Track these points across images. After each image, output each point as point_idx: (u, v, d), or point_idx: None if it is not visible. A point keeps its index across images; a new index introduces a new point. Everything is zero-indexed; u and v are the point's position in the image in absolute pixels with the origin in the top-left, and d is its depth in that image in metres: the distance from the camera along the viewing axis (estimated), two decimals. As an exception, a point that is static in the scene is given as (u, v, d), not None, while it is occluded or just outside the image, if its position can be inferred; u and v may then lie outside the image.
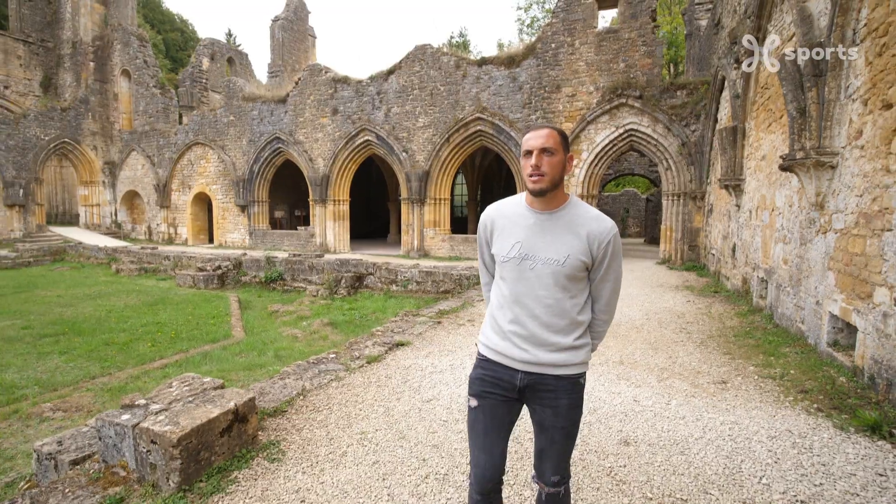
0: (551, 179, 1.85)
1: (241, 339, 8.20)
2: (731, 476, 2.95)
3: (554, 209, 1.93)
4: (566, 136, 1.92)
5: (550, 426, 1.92)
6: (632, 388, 4.46)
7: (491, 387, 1.97)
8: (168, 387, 3.45)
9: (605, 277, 1.95)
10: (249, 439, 3.27)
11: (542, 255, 1.89)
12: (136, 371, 6.43)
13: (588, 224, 1.89)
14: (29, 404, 5.30)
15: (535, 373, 1.91)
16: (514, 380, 1.93)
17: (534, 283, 1.90)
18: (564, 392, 1.91)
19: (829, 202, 5.18)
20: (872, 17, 4.36)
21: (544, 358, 1.89)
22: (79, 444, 3.33)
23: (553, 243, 1.89)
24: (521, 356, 1.91)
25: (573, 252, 1.87)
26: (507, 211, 2.03)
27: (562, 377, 1.91)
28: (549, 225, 1.91)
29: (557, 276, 1.87)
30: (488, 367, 2.00)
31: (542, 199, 1.91)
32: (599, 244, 1.88)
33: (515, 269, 1.93)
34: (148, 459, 2.82)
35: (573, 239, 1.88)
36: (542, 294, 1.89)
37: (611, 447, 3.33)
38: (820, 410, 3.86)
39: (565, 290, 1.90)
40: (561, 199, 1.94)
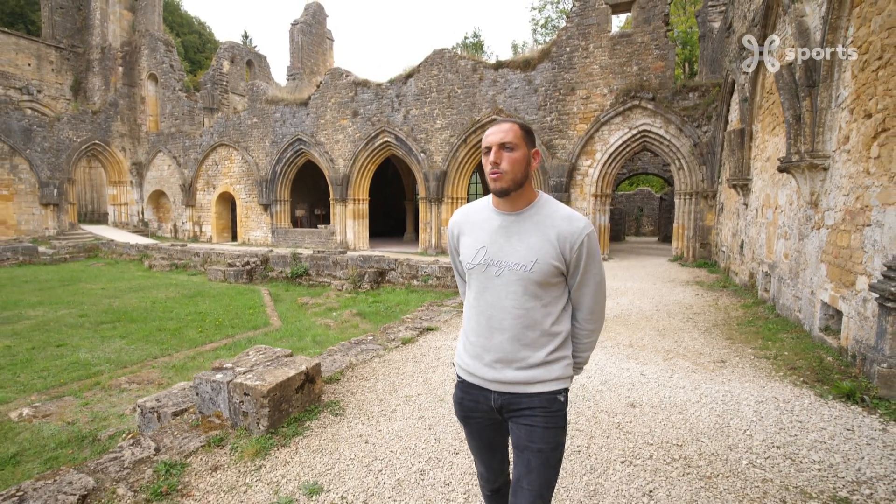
0: (513, 178, 1.70)
1: (279, 326, 8.88)
2: (720, 429, 3.52)
3: (521, 209, 1.77)
4: (530, 131, 1.78)
5: (525, 447, 1.74)
6: (639, 365, 5.04)
7: (471, 410, 1.87)
8: (246, 355, 4.10)
9: (584, 282, 1.77)
10: (316, 398, 3.90)
11: (509, 260, 1.73)
12: (192, 353, 7.13)
13: (558, 224, 1.72)
14: (106, 378, 6.01)
15: (507, 392, 1.77)
16: (489, 401, 1.80)
17: (500, 292, 1.75)
18: (540, 409, 1.74)
19: (822, 201, 5.71)
20: (857, 35, 4.89)
21: (512, 376, 1.74)
22: (174, 401, 4.00)
23: (519, 247, 1.73)
24: (491, 375, 1.77)
25: (542, 256, 1.70)
26: (473, 215, 1.89)
27: (535, 395, 1.75)
28: (515, 227, 1.76)
29: (526, 282, 1.71)
30: (465, 390, 1.88)
31: (506, 199, 1.76)
32: (572, 246, 1.71)
33: (481, 277, 1.79)
34: (241, 409, 3.47)
35: (541, 241, 1.72)
36: (509, 304, 1.73)
37: (619, 408, 3.92)
38: (805, 383, 4.42)
39: (536, 297, 1.73)
40: (528, 197, 1.78)
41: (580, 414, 3.81)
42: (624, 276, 11.72)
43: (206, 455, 3.18)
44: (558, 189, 16.08)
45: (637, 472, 2.97)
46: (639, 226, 32.20)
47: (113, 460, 3.09)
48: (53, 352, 7.11)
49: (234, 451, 3.22)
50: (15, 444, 4.44)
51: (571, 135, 16.13)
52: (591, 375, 4.70)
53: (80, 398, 5.44)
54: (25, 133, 24.81)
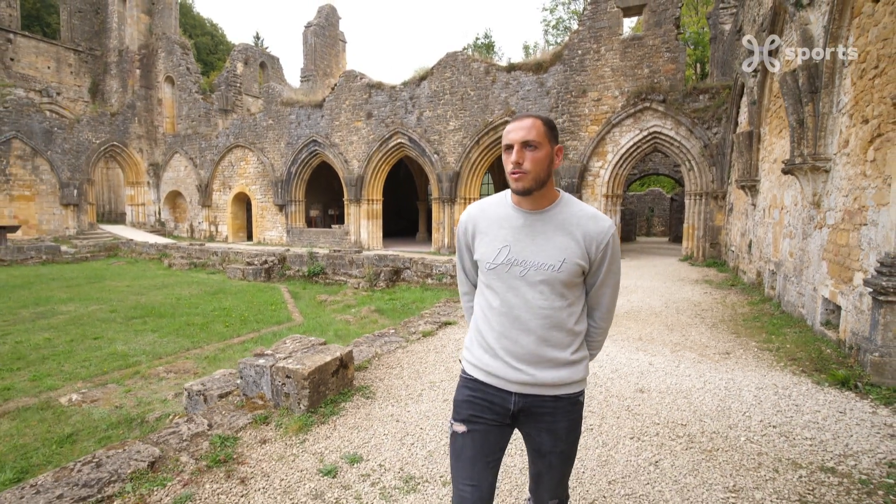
0: (535, 177, 1.66)
1: (301, 322, 9.25)
2: (721, 411, 3.83)
3: (544, 208, 1.74)
4: (553, 126, 1.72)
5: (549, 451, 1.76)
6: (648, 356, 5.34)
7: (481, 411, 1.77)
8: (283, 343, 4.46)
9: (605, 282, 1.78)
10: (348, 382, 4.25)
11: (534, 259, 1.70)
12: (221, 345, 7.51)
13: (584, 224, 1.71)
14: (145, 368, 6.40)
15: (532, 394, 1.73)
16: (508, 403, 1.74)
17: (526, 292, 1.71)
18: (563, 413, 1.74)
19: (823, 201, 5.97)
20: (857, 44, 5.16)
21: (542, 377, 1.71)
22: (218, 385, 4.36)
23: (546, 246, 1.70)
24: (516, 377, 1.72)
25: (569, 255, 1.69)
26: (490, 211, 1.83)
27: (560, 397, 1.73)
28: (539, 226, 1.73)
29: (553, 283, 1.69)
30: (477, 389, 1.79)
31: (529, 197, 1.72)
32: (598, 246, 1.70)
33: (504, 277, 1.73)
34: (283, 390, 3.82)
35: (568, 241, 1.70)
36: (536, 304, 1.70)
37: (629, 393, 4.23)
38: (804, 372, 4.70)
39: (563, 297, 1.71)
40: (551, 196, 1.75)
41: (592, 398, 4.13)
42: (635, 275, 11.98)
43: (255, 430, 3.53)
44: (570, 190, 16.34)
45: (644, 446, 3.28)
46: (650, 226, 32.35)
47: (172, 434, 3.45)
48: (91, 344, 7.52)
49: (279, 428, 3.56)
50: (69, 425, 4.82)
51: (583, 136, 16.40)
52: (602, 365, 5.01)
53: (122, 386, 5.83)
54: (46, 135, 25.44)
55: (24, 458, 4.19)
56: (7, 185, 24.26)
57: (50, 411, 5.15)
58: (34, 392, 5.63)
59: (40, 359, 6.77)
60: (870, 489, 2.76)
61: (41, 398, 5.46)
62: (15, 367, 6.40)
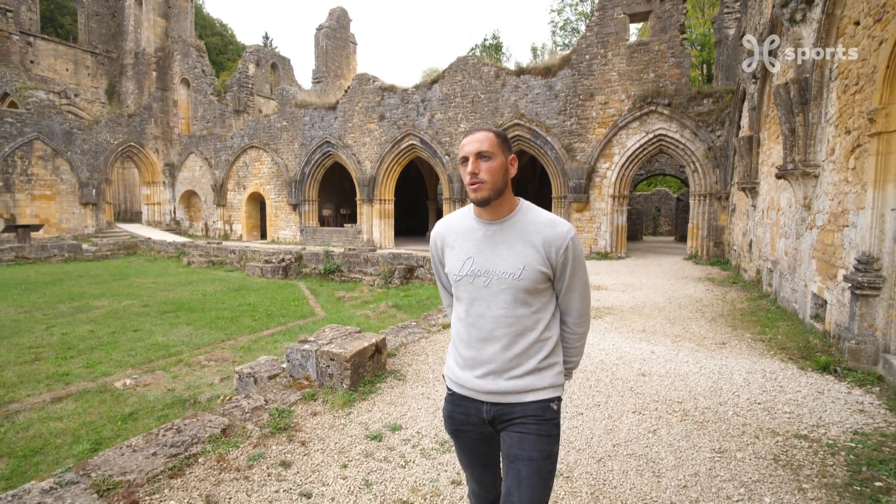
0: (492, 186, 1.70)
1: (324, 316, 9.80)
2: (713, 391, 4.33)
3: (504, 217, 1.78)
4: (505, 138, 1.79)
5: (516, 456, 1.72)
6: (650, 345, 5.85)
7: (462, 424, 1.86)
8: (323, 331, 5.00)
9: (572, 286, 1.79)
10: (382, 366, 4.79)
11: (496, 269, 1.74)
12: (253, 337, 8.07)
13: (542, 230, 1.74)
14: (187, 356, 6.96)
15: (500, 402, 1.76)
16: (481, 413, 1.80)
17: (490, 301, 1.75)
18: (532, 417, 1.74)
19: (813, 204, 6.45)
20: (842, 61, 5.64)
21: (505, 386, 1.74)
22: (265, 369, 4.90)
23: (506, 255, 1.74)
24: (483, 386, 1.77)
25: (529, 262, 1.71)
26: (455, 226, 1.88)
27: (528, 403, 1.75)
28: (500, 236, 1.77)
29: (515, 290, 1.72)
30: (456, 402, 1.87)
31: (488, 208, 1.76)
32: (557, 251, 1.72)
33: (469, 288, 1.78)
34: (327, 371, 4.36)
35: (527, 248, 1.73)
36: (500, 313, 1.74)
37: (632, 377, 4.74)
38: (791, 359, 5.20)
39: (526, 304, 1.74)
40: (510, 205, 1.79)
41: (599, 381, 4.64)
42: (640, 272, 12.46)
43: (305, 405, 4.07)
44: (577, 191, 16.84)
45: (644, 418, 3.80)
46: (656, 225, 32.75)
47: (235, 408, 3.99)
48: (132, 336, 8.10)
49: (326, 403, 4.10)
50: (128, 405, 5.38)
51: (590, 138, 16.88)
52: (608, 353, 5.53)
53: (169, 372, 6.39)
54: (66, 136, 26.14)
55: (94, 433, 4.75)
56: (29, 184, 24.99)
57: (108, 394, 5.71)
58: (90, 377, 6.20)
59: (89, 348, 7.35)
60: (834, 451, 3.26)
61: (98, 383, 6.03)
62: (68, 356, 6.98)
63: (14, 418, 5.07)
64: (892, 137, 4.44)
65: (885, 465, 3.03)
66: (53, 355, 6.97)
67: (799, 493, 2.79)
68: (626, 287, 10.28)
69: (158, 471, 3.03)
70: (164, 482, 2.91)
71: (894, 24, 4.34)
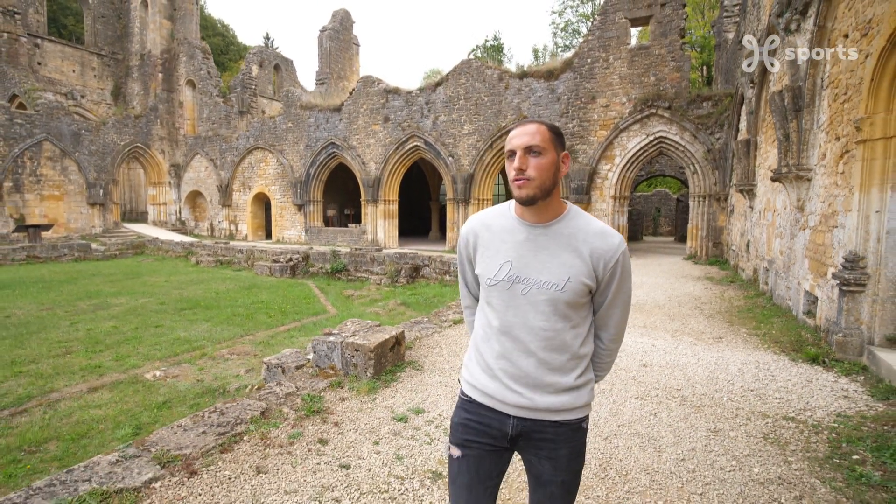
0: (540, 185, 1.57)
1: (335, 313, 10.16)
2: (710, 379, 4.68)
3: (549, 221, 1.65)
4: (559, 132, 1.64)
5: (549, 480, 1.66)
6: (651, 339, 6.20)
7: (477, 434, 1.70)
8: (345, 325, 5.34)
9: (614, 303, 1.69)
10: (401, 357, 5.13)
11: (537, 277, 1.62)
12: (270, 332, 8.42)
13: (591, 240, 1.62)
14: (210, 350, 7.31)
15: (531, 419, 1.64)
16: (506, 427, 1.67)
17: (527, 312, 1.63)
18: (565, 441, 1.65)
19: (806, 206, 6.80)
20: (832, 72, 5.98)
21: (541, 402, 1.62)
22: (292, 360, 5.25)
23: (550, 263, 1.62)
24: (514, 400, 1.64)
25: (574, 274, 1.60)
26: (492, 223, 1.74)
27: (562, 423, 1.64)
28: (543, 241, 1.64)
29: (556, 302, 1.60)
30: (474, 412, 1.72)
31: (532, 208, 1.63)
32: (606, 265, 1.61)
33: (505, 295, 1.65)
34: (352, 361, 4.71)
35: (574, 258, 1.61)
36: (538, 325, 1.62)
37: (634, 367, 5.09)
38: (783, 352, 5.55)
39: (566, 318, 1.63)
40: (557, 208, 1.66)
41: (604, 371, 4.99)
42: (641, 272, 12.81)
43: (333, 392, 4.41)
44: (579, 192, 17.19)
45: (646, 403, 4.15)
46: (656, 226, 33.10)
47: (269, 394, 4.34)
48: (154, 331, 8.45)
49: (352, 390, 4.45)
50: (161, 395, 5.73)
51: (592, 140, 17.23)
52: (611, 346, 5.87)
53: (194, 365, 6.74)
54: (74, 137, 26.50)
55: (133, 419, 5.10)
56: (38, 185, 25.35)
57: (139, 385, 6.06)
58: (121, 369, 6.55)
59: (115, 343, 7.70)
60: (818, 430, 3.61)
61: (129, 374, 6.38)
62: (97, 350, 7.33)
63: (56, 406, 5.42)
64: (877, 145, 4.79)
65: (863, 442, 3.38)
66: (83, 349, 7.32)
67: (784, 464, 3.14)
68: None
69: (210, 446, 3.37)
70: (217, 456, 3.25)
71: (878, 40, 4.68)
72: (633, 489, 2.90)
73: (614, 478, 3.03)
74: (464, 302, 2.01)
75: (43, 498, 2.75)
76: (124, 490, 2.84)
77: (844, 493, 2.81)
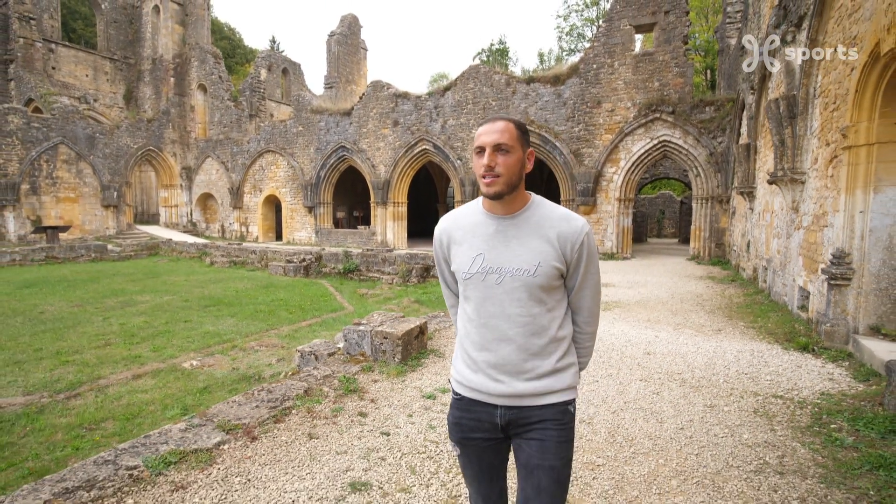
0: (507, 181, 1.64)
1: (353, 310, 10.61)
2: (708, 365, 5.13)
3: (516, 212, 1.72)
4: (525, 130, 1.71)
5: (536, 465, 1.66)
6: (654, 332, 6.64)
7: (471, 431, 1.76)
8: (372, 316, 5.82)
9: (584, 284, 1.75)
10: (424, 345, 5.59)
11: (510, 265, 1.67)
12: (294, 327, 8.89)
13: (557, 224, 1.69)
14: (240, 343, 7.78)
15: (516, 406, 1.70)
16: (494, 418, 1.72)
17: (503, 300, 1.68)
18: (552, 422, 1.68)
19: (800, 207, 7.23)
20: (823, 82, 6.43)
21: (522, 388, 1.68)
22: (323, 348, 5.71)
23: (520, 251, 1.68)
24: (497, 389, 1.69)
25: (544, 258, 1.66)
26: (463, 221, 1.81)
27: (546, 406, 1.69)
28: (513, 231, 1.70)
29: (530, 288, 1.66)
30: (464, 408, 1.78)
31: (500, 202, 1.70)
32: (573, 246, 1.68)
33: (480, 286, 1.71)
34: (381, 348, 5.17)
35: (542, 243, 1.67)
36: (514, 311, 1.68)
37: (639, 355, 5.54)
38: (777, 342, 5.99)
39: (541, 303, 1.69)
40: (522, 199, 1.73)
41: (610, 358, 5.44)
42: (645, 272, 13.24)
43: (365, 375, 4.88)
44: (585, 194, 17.64)
45: (649, 384, 4.59)
46: (660, 227, 33.48)
47: (308, 376, 4.80)
48: (184, 325, 8.93)
49: (382, 373, 4.91)
50: (200, 381, 6.20)
51: (597, 144, 17.68)
52: (617, 337, 6.32)
53: (227, 356, 7.21)
54: (89, 140, 27.09)
55: (179, 402, 5.56)
56: (54, 187, 25.94)
57: (179, 373, 6.53)
58: (159, 359, 7.03)
59: (150, 336, 8.18)
60: (803, 405, 4.05)
61: (167, 364, 6.85)
62: (134, 342, 7.82)
63: (105, 391, 5.89)
64: (861, 151, 5.23)
65: (841, 414, 3.82)
66: (121, 341, 7.81)
67: (770, 432, 3.59)
68: (631, 284, 11.06)
69: (265, 417, 3.84)
70: (272, 425, 3.72)
71: (861, 56, 5.13)
72: (638, 451, 3.35)
73: (621, 442, 3.48)
74: (448, 301, 2.07)
75: (130, 456, 3.22)
76: (198, 450, 3.31)
77: (820, 453, 3.25)
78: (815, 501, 2.74)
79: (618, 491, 2.88)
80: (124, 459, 3.17)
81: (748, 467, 3.11)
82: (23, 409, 5.31)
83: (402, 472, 3.10)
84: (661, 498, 2.80)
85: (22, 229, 24.64)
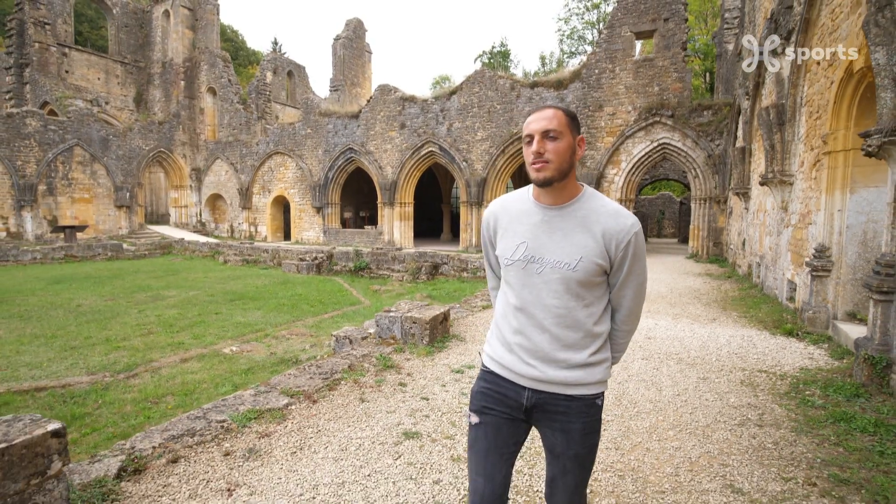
0: (557, 167, 1.62)
1: (369, 304, 11.24)
2: (702, 347, 5.76)
3: (564, 203, 1.70)
4: (575, 117, 1.68)
5: (562, 453, 1.72)
6: (654, 320, 7.28)
7: (494, 402, 1.79)
8: (399, 304, 6.45)
9: (626, 283, 1.72)
10: (447, 330, 6.23)
11: (551, 257, 1.67)
12: (317, 319, 9.52)
13: (604, 221, 1.65)
14: (272, 331, 8.42)
15: (544, 391, 1.71)
16: (521, 398, 1.74)
17: (541, 290, 1.69)
18: (577, 415, 1.69)
19: (789, 206, 7.86)
20: (808, 92, 7.06)
21: (553, 375, 1.68)
22: (356, 333, 6.34)
23: (563, 243, 1.67)
24: (528, 372, 1.71)
25: (587, 254, 1.64)
26: (511, 206, 1.82)
27: (575, 397, 1.69)
28: (558, 222, 1.69)
29: (568, 281, 1.65)
30: (492, 381, 1.81)
31: (549, 190, 1.68)
32: (618, 244, 1.64)
33: (520, 274, 1.72)
34: (410, 332, 5.80)
35: (586, 238, 1.65)
36: (551, 302, 1.67)
37: (640, 339, 6.17)
38: (765, 328, 6.62)
39: (578, 297, 1.67)
40: (573, 190, 1.70)
41: (615, 341, 6.06)
42: (645, 268, 13.84)
43: (398, 354, 5.51)
44: (587, 194, 18.24)
45: (650, 362, 5.23)
46: (660, 228, 34.12)
47: (348, 355, 5.43)
48: (216, 317, 9.56)
49: (413, 353, 5.54)
50: (242, 364, 6.83)
51: (599, 147, 18.32)
52: (621, 325, 6.94)
53: (262, 343, 7.84)
54: (103, 142, 27.77)
55: (228, 381, 6.19)
56: (69, 188, 26.62)
57: (221, 357, 7.16)
58: (201, 346, 7.66)
59: (186, 326, 8.82)
60: (783, 378, 4.69)
61: (209, 349, 7.49)
62: (174, 331, 8.46)
63: (159, 372, 6.52)
64: (839, 156, 5.86)
65: (816, 383, 4.45)
66: (162, 331, 8.44)
67: (753, 396, 4.22)
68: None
69: (320, 386, 4.47)
70: (326, 392, 4.35)
71: (838, 71, 5.76)
72: (641, 411, 3.98)
73: (626, 405, 4.11)
74: (490, 283, 2.09)
75: (217, 412, 3.85)
76: (272, 409, 3.94)
77: (794, 412, 3.89)
78: (785, 444, 3.37)
79: (625, 438, 3.51)
80: (213, 415, 3.80)
81: (733, 422, 3.74)
82: (90, 386, 5.94)
83: (444, 426, 3.73)
84: (661, 443, 3.43)
85: (39, 229, 25.31)
